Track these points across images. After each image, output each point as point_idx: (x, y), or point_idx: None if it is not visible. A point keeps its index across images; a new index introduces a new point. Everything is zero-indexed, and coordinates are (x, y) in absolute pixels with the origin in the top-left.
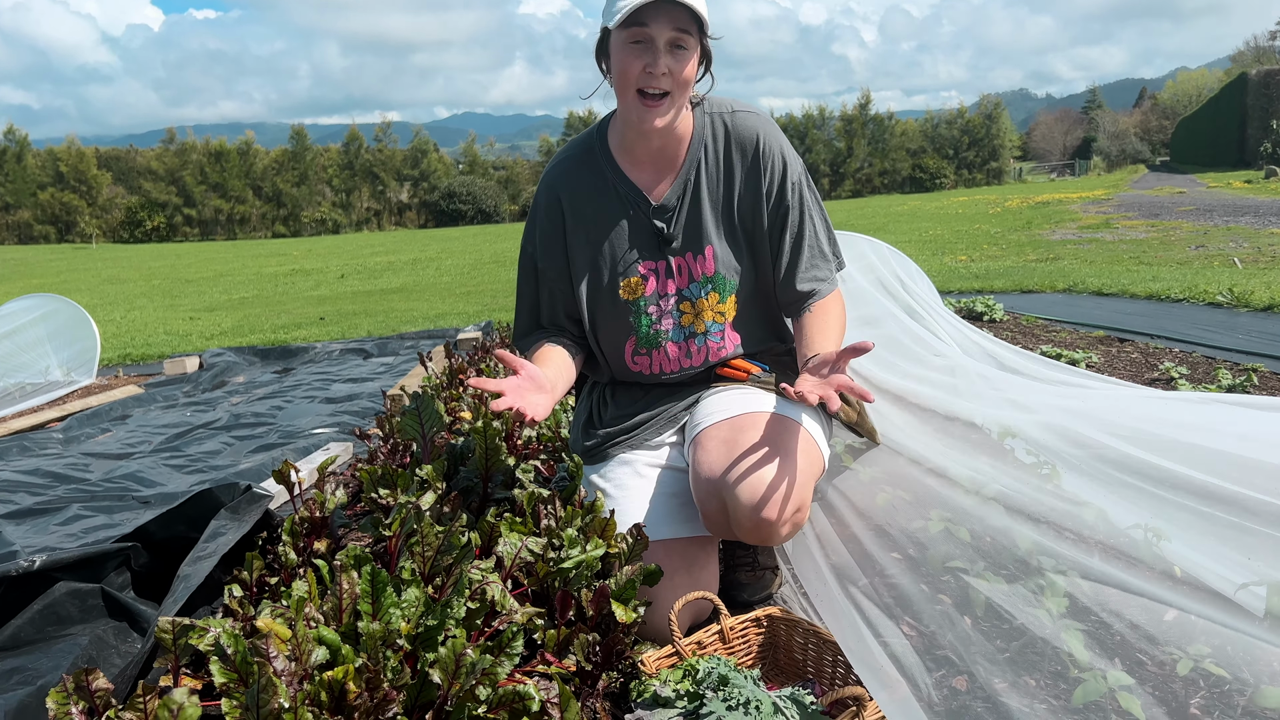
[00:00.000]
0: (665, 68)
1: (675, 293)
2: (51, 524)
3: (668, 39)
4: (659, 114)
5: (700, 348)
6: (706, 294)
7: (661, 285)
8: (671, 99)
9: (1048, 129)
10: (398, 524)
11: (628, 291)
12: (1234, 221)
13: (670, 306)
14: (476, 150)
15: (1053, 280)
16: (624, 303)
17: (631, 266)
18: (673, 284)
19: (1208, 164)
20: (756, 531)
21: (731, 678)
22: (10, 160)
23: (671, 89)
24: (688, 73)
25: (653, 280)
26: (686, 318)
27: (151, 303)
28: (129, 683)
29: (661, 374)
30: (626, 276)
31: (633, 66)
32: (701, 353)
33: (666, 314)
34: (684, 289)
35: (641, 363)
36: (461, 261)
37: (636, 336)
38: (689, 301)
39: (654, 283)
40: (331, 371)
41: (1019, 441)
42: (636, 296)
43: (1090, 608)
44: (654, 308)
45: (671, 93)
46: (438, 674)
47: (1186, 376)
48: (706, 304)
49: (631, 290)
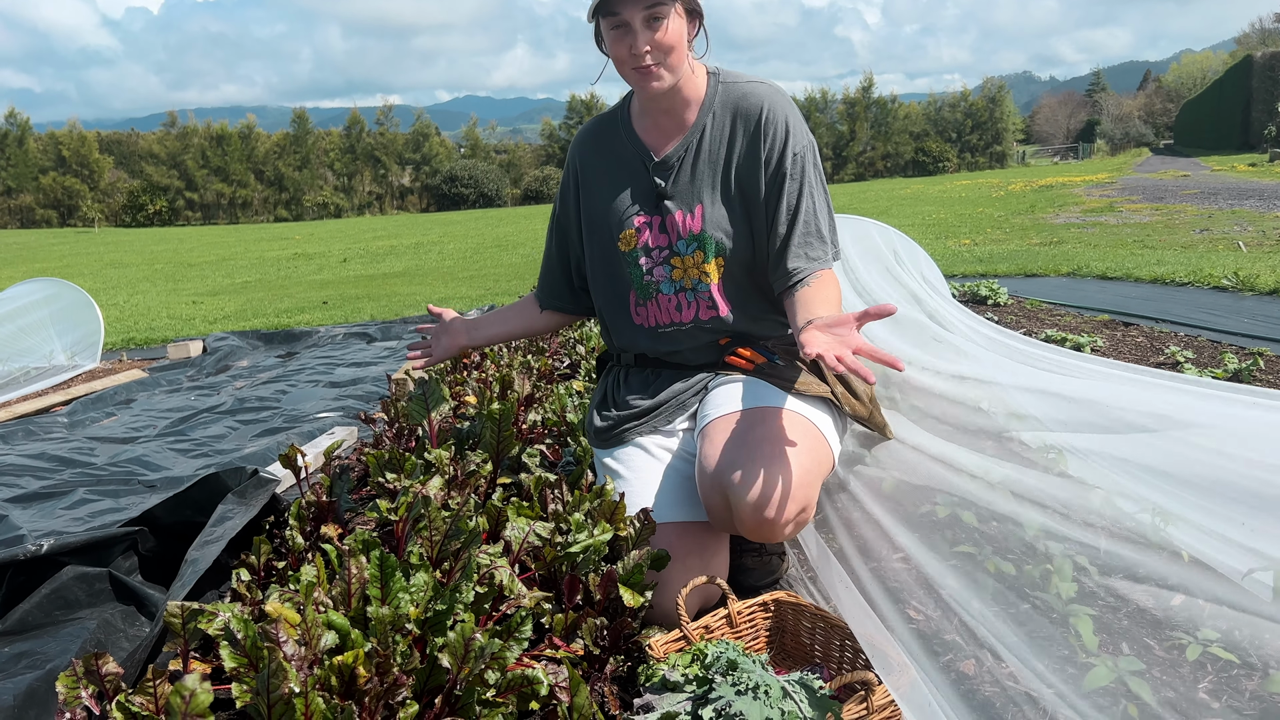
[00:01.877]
0: (645, 44)
1: (667, 245)
2: (58, 508)
3: (642, 18)
4: (654, 79)
5: (691, 302)
6: (692, 251)
7: (654, 238)
8: (662, 65)
9: (1051, 112)
10: (404, 508)
11: (624, 243)
12: (1238, 205)
13: (661, 258)
14: (478, 134)
15: (1056, 264)
16: (622, 253)
17: (630, 219)
18: (665, 238)
19: (1212, 147)
20: (759, 530)
21: (740, 662)
22: (12, 144)
23: (660, 59)
24: (670, 38)
25: (646, 233)
26: (676, 272)
27: (154, 287)
28: (138, 666)
29: (658, 326)
30: (625, 228)
31: (619, 51)
32: (692, 308)
33: (658, 265)
34: (674, 244)
35: (642, 313)
36: (463, 246)
37: (635, 289)
38: (677, 256)
39: (648, 235)
40: (335, 355)
41: (1025, 425)
42: (631, 247)
43: (1098, 592)
44: (645, 259)
45: (660, 61)
46: (447, 658)
47: (1192, 361)
48: (691, 261)
49: (627, 242)
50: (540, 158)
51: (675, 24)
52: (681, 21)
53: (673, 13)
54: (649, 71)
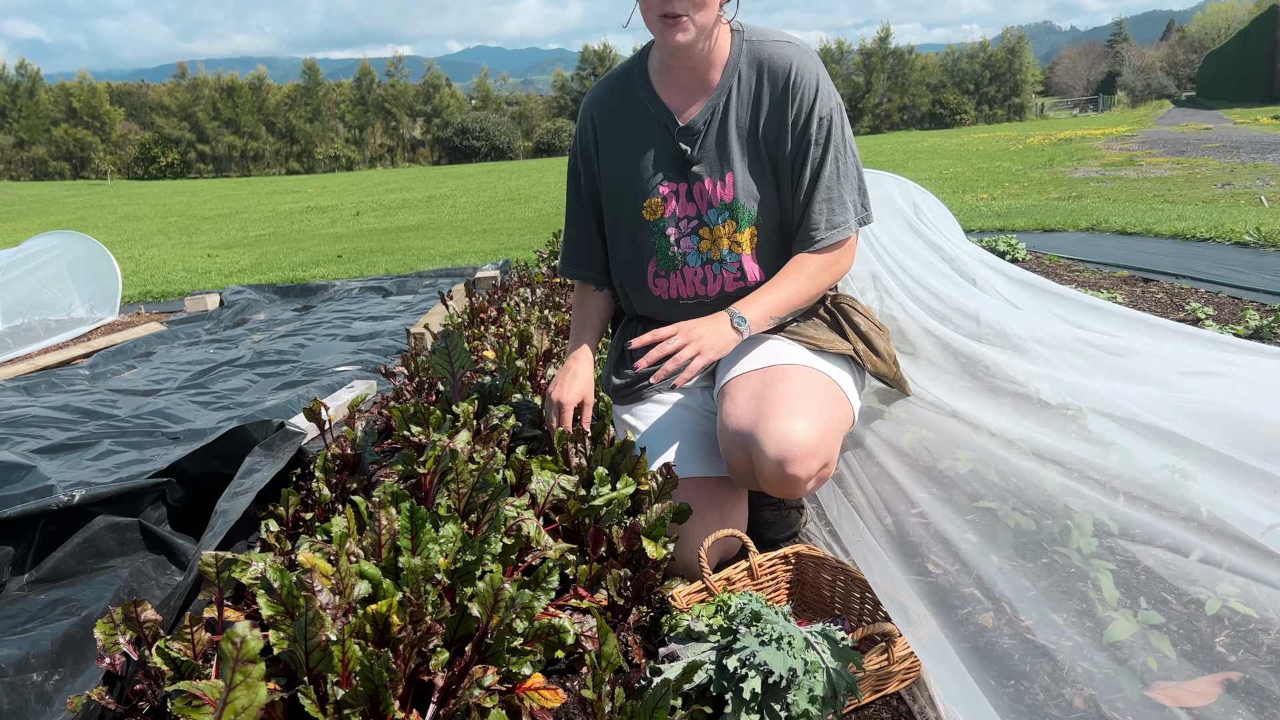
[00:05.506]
0: None
1: (695, 215)
2: (85, 459)
3: None
4: (680, 30)
5: (717, 275)
6: (724, 221)
7: (682, 207)
8: (691, 17)
9: (1071, 63)
10: (432, 461)
11: (649, 212)
12: (1261, 159)
13: (689, 229)
14: (489, 85)
15: (1075, 219)
16: (646, 223)
17: (655, 187)
18: (693, 207)
19: (1235, 99)
20: (781, 486)
21: (764, 613)
22: (23, 96)
23: (688, 9)
24: None
25: (673, 201)
26: (705, 243)
27: (169, 240)
28: (173, 614)
29: (679, 299)
30: (649, 196)
31: (646, 3)
32: (718, 281)
33: (685, 236)
34: (704, 214)
35: (661, 285)
36: (476, 199)
37: (657, 258)
38: (706, 227)
39: (674, 204)
40: (351, 310)
41: (1044, 381)
42: (657, 217)
43: (1116, 548)
44: (673, 229)
45: (689, 13)
46: (476, 608)
47: (1213, 317)
48: (723, 231)
49: (653, 211)
50: (552, 109)
51: None
52: None
53: None
54: (677, 21)
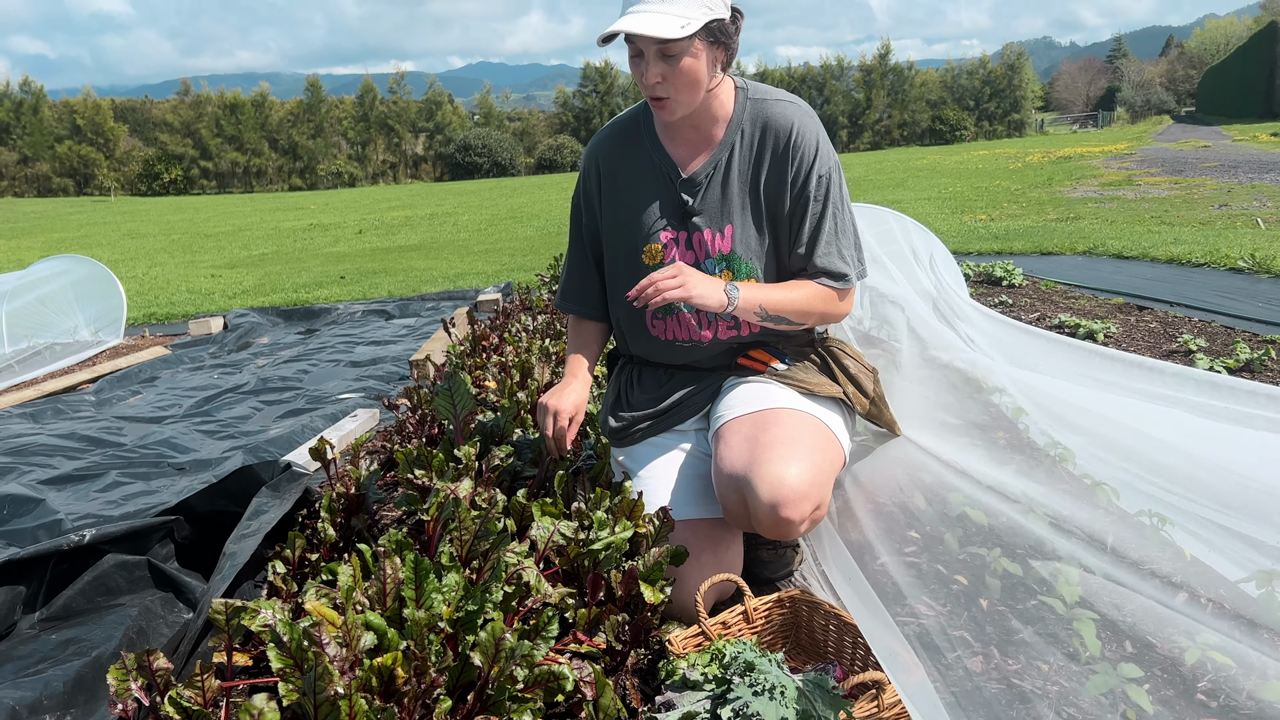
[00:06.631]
0: (658, 75)
1: (694, 263)
2: (92, 490)
3: (654, 50)
4: (666, 110)
5: (712, 322)
6: (720, 271)
7: (681, 254)
8: (675, 100)
9: (1071, 79)
10: (435, 508)
11: (649, 256)
12: (1259, 179)
13: None
14: (491, 101)
15: (1073, 242)
16: (646, 267)
17: (656, 233)
18: (692, 255)
19: (1234, 115)
20: (775, 528)
21: (757, 663)
22: (27, 113)
23: (670, 92)
24: (686, 74)
25: (673, 249)
26: None
27: (172, 258)
28: (183, 658)
29: (675, 340)
30: (650, 242)
31: (635, 74)
32: (713, 327)
33: None
34: (701, 263)
35: (659, 326)
36: (478, 217)
37: None
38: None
39: (674, 251)
40: (354, 334)
41: (1031, 420)
42: (657, 262)
43: (1100, 591)
44: None
45: (671, 95)
46: (478, 657)
47: (1205, 349)
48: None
49: (652, 256)
50: (554, 125)
51: (694, 61)
52: (701, 56)
53: (691, 48)
54: (661, 105)
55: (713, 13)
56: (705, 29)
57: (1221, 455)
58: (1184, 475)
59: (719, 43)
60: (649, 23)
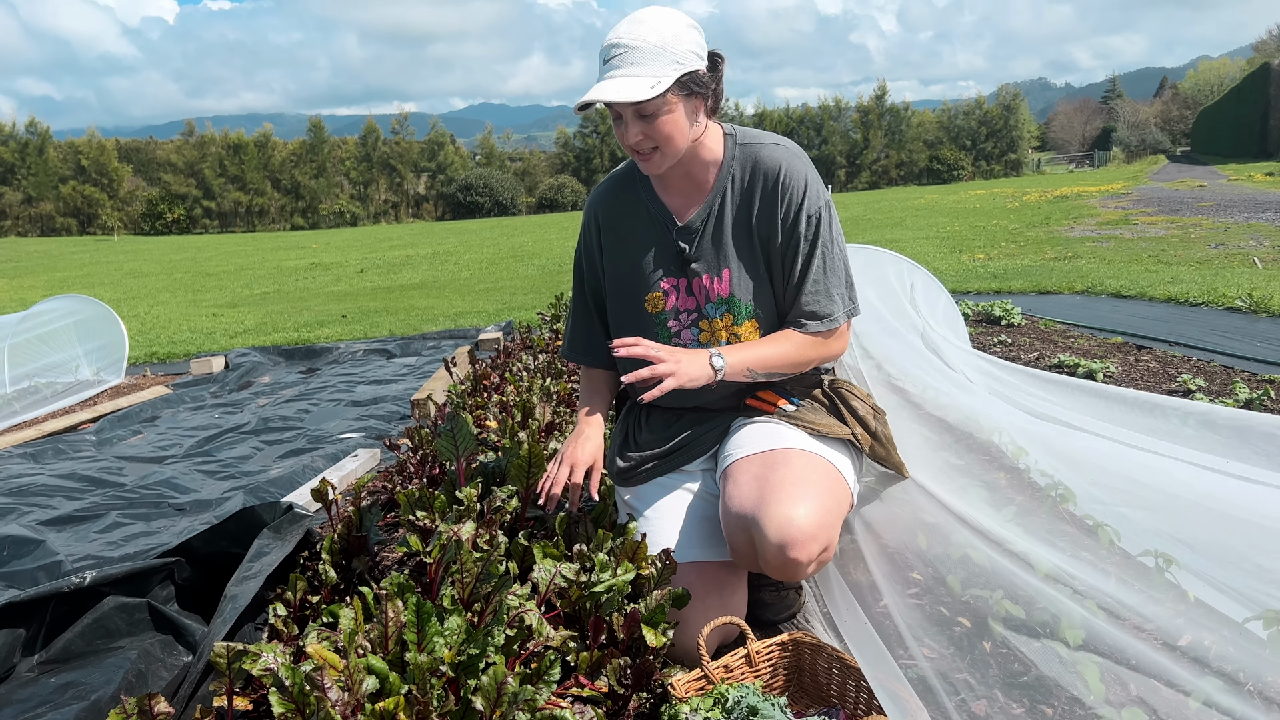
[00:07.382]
0: (638, 134)
1: (695, 308)
2: (92, 531)
3: (630, 112)
4: (652, 166)
5: None
6: (721, 314)
7: (682, 300)
8: (660, 153)
9: (1067, 119)
10: (437, 551)
11: (651, 305)
12: (1255, 218)
13: (690, 321)
14: (493, 142)
15: (1071, 281)
16: (649, 315)
17: (656, 282)
18: (693, 300)
19: (1229, 155)
20: (783, 569)
21: (760, 708)
22: (33, 154)
23: (653, 148)
24: (664, 129)
25: (674, 296)
26: (704, 334)
27: (174, 297)
28: (183, 703)
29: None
30: (651, 290)
31: (618, 135)
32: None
33: (686, 327)
34: (702, 307)
35: None
36: (479, 256)
37: None
38: (705, 320)
39: (675, 298)
40: (356, 373)
41: (1032, 460)
42: (659, 310)
43: (1103, 633)
44: (674, 321)
45: (656, 150)
46: (480, 701)
47: (1204, 389)
48: (721, 324)
49: (654, 304)
50: (555, 165)
51: (671, 115)
52: (679, 109)
53: (666, 105)
54: (646, 159)
55: (683, 67)
56: (678, 83)
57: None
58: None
59: (695, 93)
60: (620, 88)
